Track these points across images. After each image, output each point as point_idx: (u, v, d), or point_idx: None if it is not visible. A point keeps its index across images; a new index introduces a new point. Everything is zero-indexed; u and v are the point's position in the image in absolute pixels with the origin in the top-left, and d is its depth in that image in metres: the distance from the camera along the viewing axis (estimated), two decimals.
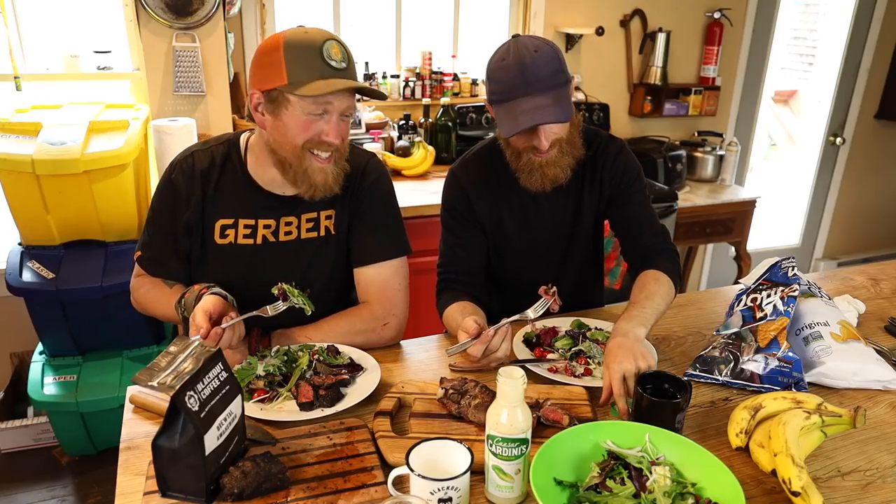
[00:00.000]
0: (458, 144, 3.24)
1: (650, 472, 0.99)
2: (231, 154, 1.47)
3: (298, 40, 1.31)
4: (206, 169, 1.45)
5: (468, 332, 1.34)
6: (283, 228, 1.48)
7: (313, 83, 1.29)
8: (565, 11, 3.38)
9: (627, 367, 1.20)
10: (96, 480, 2.48)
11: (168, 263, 1.48)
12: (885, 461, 1.16)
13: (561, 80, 1.42)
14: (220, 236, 1.46)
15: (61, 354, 2.47)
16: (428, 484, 0.94)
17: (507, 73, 1.41)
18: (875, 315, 1.73)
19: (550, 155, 1.48)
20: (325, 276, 1.52)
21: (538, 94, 1.39)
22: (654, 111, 3.68)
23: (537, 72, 1.38)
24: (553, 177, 1.51)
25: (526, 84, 1.38)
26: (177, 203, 1.45)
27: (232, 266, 1.47)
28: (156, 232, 1.48)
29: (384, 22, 3.26)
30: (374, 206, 1.52)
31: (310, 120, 1.33)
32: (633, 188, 1.62)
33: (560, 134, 1.47)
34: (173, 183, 1.45)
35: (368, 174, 1.52)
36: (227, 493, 0.99)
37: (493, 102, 1.46)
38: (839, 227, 4.58)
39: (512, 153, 1.53)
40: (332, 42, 1.32)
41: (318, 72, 1.30)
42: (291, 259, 1.49)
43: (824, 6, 4.16)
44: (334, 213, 1.51)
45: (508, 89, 1.40)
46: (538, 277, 1.46)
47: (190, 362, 1.30)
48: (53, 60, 2.66)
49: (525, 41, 1.42)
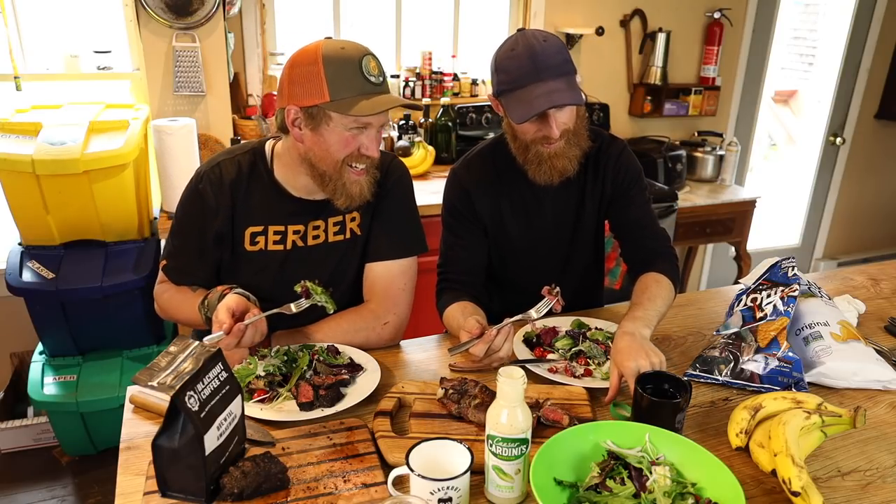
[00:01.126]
0: (458, 144, 3.24)
1: (650, 472, 0.99)
2: (257, 163, 1.48)
3: (337, 56, 1.31)
4: (234, 179, 1.45)
5: (470, 332, 1.34)
6: (311, 233, 1.50)
7: (358, 103, 1.30)
8: (565, 11, 3.38)
9: (642, 364, 1.21)
10: (96, 480, 2.49)
11: (194, 273, 1.49)
12: (885, 461, 1.16)
13: (571, 69, 1.43)
14: (251, 243, 1.48)
15: (61, 354, 2.47)
16: (428, 484, 0.94)
17: (517, 62, 1.41)
18: (875, 315, 1.73)
19: (559, 145, 1.47)
20: (350, 278, 1.55)
21: (551, 80, 1.39)
22: (654, 111, 3.68)
23: (548, 59, 1.40)
24: (562, 168, 1.51)
25: (538, 70, 1.39)
26: (205, 213, 1.45)
27: (262, 272, 1.49)
28: (182, 242, 1.49)
29: (384, 22, 3.26)
30: (393, 206, 1.54)
31: (352, 135, 1.35)
32: (634, 189, 1.62)
33: (569, 124, 1.47)
34: (201, 193, 1.45)
35: (391, 174, 1.54)
36: (227, 493, 0.99)
37: (502, 93, 1.46)
38: (839, 227, 4.58)
39: (519, 146, 1.53)
40: (370, 57, 1.33)
41: (360, 89, 1.31)
42: (320, 262, 1.51)
43: (824, 6, 4.16)
44: (359, 216, 1.53)
45: (519, 77, 1.41)
46: (540, 278, 1.46)
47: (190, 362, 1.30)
48: (53, 60, 2.66)
49: (532, 32, 1.44)
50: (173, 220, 1.53)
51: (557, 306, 1.37)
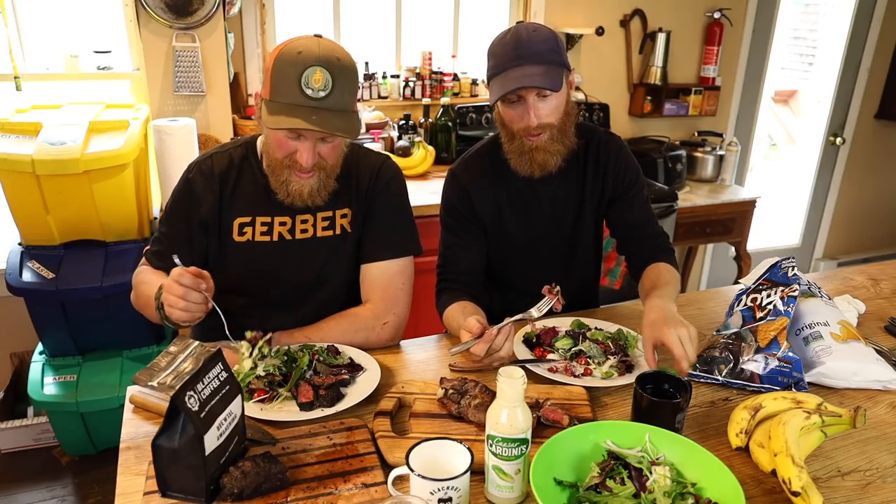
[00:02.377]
0: (458, 144, 3.24)
1: (650, 472, 0.99)
2: (248, 156, 1.51)
3: (289, 58, 1.31)
4: (224, 170, 1.49)
5: (471, 332, 1.34)
6: (300, 226, 1.50)
7: (278, 114, 1.30)
8: (565, 11, 3.38)
9: (682, 332, 1.24)
10: (96, 480, 2.49)
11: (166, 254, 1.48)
12: (885, 461, 1.16)
13: (556, 60, 1.45)
14: (239, 234, 1.49)
15: (61, 354, 2.47)
16: (428, 484, 0.94)
17: (503, 48, 1.46)
18: (875, 315, 1.73)
19: (541, 139, 1.50)
20: (341, 275, 1.56)
21: (529, 65, 1.42)
22: (654, 111, 3.68)
23: (531, 46, 1.43)
24: (542, 162, 1.53)
25: (518, 56, 1.43)
26: (192, 201, 1.48)
27: (251, 263, 1.50)
28: (168, 229, 1.51)
29: (384, 22, 3.26)
30: (386, 206, 1.55)
31: (286, 139, 1.36)
32: (635, 189, 1.65)
33: (551, 118, 1.49)
34: (190, 182, 1.49)
35: (383, 176, 1.55)
36: (227, 493, 0.99)
37: (489, 78, 1.49)
38: (839, 227, 4.58)
39: (507, 134, 1.55)
40: (318, 69, 1.29)
41: (291, 99, 1.30)
42: (309, 257, 1.52)
43: (824, 6, 4.16)
44: (350, 213, 1.53)
45: (502, 62, 1.45)
46: (540, 277, 1.47)
47: (190, 362, 1.30)
48: (53, 60, 2.66)
49: (527, 24, 1.49)
50: (165, 208, 1.55)
51: (558, 305, 1.37)
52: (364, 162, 1.55)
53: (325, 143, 1.38)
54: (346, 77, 1.34)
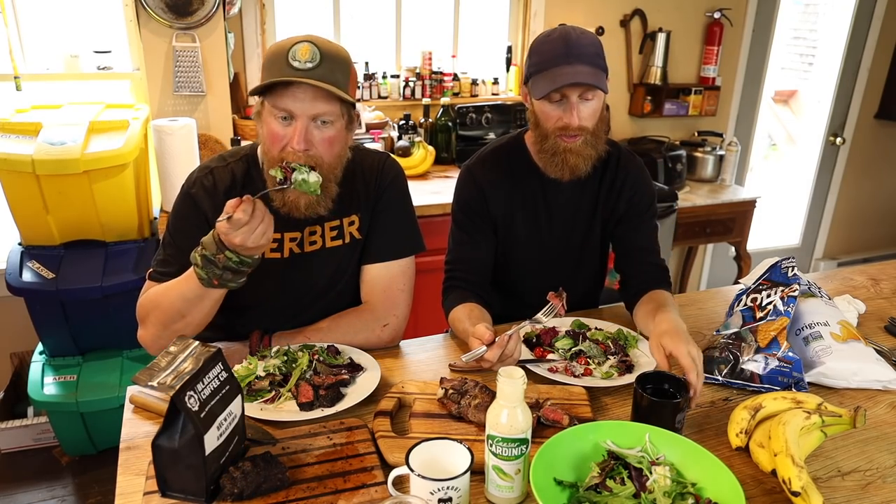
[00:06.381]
0: (458, 144, 3.24)
1: (650, 472, 0.99)
2: (251, 170, 1.45)
3: (277, 46, 1.30)
4: (228, 186, 1.42)
5: (482, 340, 1.31)
6: (308, 239, 1.48)
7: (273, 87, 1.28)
8: (565, 11, 3.38)
9: (693, 350, 1.24)
10: (96, 480, 2.49)
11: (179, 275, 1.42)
12: (885, 461, 1.16)
13: (601, 64, 1.45)
14: None
15: (61, 354, 2.47)
16: (428, 484, 0.94)
17: (550, 45, 1.45)
18: (875, 315, 1.73)
19: (576, 142, 1.48)
20: (349, 282, 1.54)
21: (580, 64, 1.42)
22: (654, 111, 3.68)
23: (581, 47, 1.43)
24: (574, 165, 1.51)
25: (569, 54, 1.42)
26: (197, 217, 1.41)
27: (261, 280, 1.42)
28: (175, 250, 1.43)
29: (384, 21, 3.26)
30: (389, 206, 1.53)
31: (278, 126, 1.31)
32: (646, 214, 1.65)
33: (590, 122, 1.48)
34: (193, 198, 1.42)
35: (385, 174, 1.53)
36: (227, 494, 0.99)
37: (532, 74, 1.48)
38: (839, 227, 4.58)
39: (540, 135, 1.53)
40: (304, 44, 1.28)
41: (279, 73, 1.27)
42: (318, 268, 1.49)
43: (824, 6, 4.16)
44: (358, 219, 1.51)
45: (550, 58, 1.44)
46: (543, 284, 1.44)
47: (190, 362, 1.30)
48: (53, 60, 2.66)
49: (573, 26, 1.48)
50: (166, 229, 1.47)
51: (562, 311, 1.36)
52: (366, 161, 1.52)
53: (318, 129, 1.32)
54: (336, 58, 1.31)
